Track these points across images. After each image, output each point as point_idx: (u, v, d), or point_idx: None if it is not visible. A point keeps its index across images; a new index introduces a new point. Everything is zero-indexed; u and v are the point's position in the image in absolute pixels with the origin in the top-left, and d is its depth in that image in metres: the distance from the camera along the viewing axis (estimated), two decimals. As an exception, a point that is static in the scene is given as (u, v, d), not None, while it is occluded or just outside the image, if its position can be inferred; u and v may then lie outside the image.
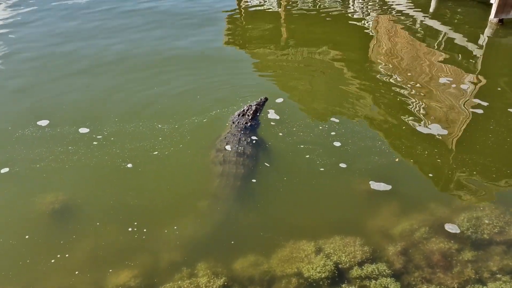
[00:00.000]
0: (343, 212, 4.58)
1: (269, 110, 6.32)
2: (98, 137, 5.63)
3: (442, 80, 7.32)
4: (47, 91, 7.03)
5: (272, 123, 6.07)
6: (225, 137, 5.41)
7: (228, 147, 5.17)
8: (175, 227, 4.32)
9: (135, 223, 4.37)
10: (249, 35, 10.07)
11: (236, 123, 5.72)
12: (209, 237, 4.28)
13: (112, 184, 4.91)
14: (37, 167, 5.10)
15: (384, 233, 4.31)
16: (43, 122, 5.97)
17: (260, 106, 6.06)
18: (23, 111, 6.38)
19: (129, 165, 5.13)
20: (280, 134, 5.78)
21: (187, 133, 5.74)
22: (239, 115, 5.87)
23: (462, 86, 7.12)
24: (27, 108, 6.47)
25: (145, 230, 4.28)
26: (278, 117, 6.16)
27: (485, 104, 6.53)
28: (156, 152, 5.34)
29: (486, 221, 4.38)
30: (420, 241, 4.20)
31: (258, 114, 5.99)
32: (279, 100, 6.63)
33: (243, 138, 5.35)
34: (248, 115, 5.83)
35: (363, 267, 3.96)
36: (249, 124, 5.72)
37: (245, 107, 6.01)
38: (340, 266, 3.98)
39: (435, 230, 4.29)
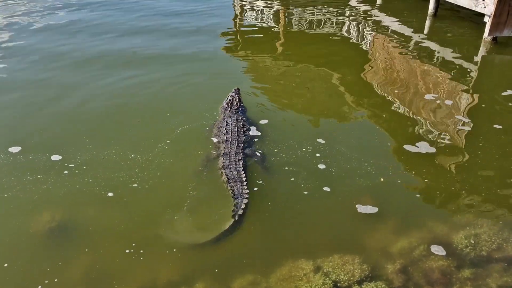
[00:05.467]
0: (338, 233, 5.13)
1: (251, 127, 7.03)
2: (70, 165, 6.14)
3: (434, 98, 8.17)
4: (20, 116, 7.60)
5: (255, 139, 6.79)
6: (223, 118, 7.12)
7: (228, 122, 6.87)
8: (170, 248, 4.82)
9: (132, 245, 4.85)
10: (241, 51, 11.18)
11: (229, 109, 7.42)
12: (207, 256, 4.75)
13: (90, 213, 5.37)
14: (5, 197, 5.55)
15: (382, 251, 4.83)
16: (15, 149, 6.47)
17: (239, 95, 7.76)
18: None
19: (110, 194, 5.61)
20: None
21: (169, 155, 6.39)
22: (227, 104, 7.54)
23: (454, 104, 7.96)
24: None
25: (141, 251, 4.77)
26: (259, 134, 6.91)
27: (475, 121, 7.35)
28: (135, 185, 5.88)
29: (485, 238, 4.95)
30: (420, 259, 4.72)
31: (241, 102, 7.71)
32: (264, 121, 7.31)
33: (239, 118, 7.09)
34: (236, 103, 7.53)
35: (362, 285, 4.42)
36: (240, 109, 7.47)
37: (229, 97, 7.67)
38: (339, 284, 4.43)
39: (432, 249, 4.84)
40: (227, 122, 6.91)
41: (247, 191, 5.55)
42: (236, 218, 5.11)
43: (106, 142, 6.72)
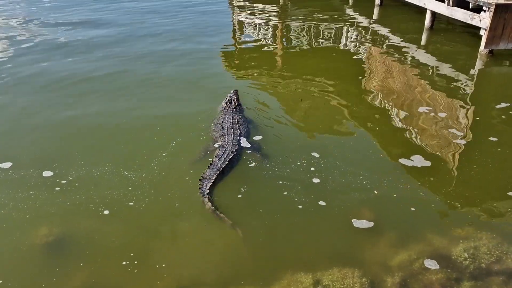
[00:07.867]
0: (336, 246, 5.26)
1: (242, 138, 7.18)
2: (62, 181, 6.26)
3: (428, 111, 8.35)
4: (12, 131, 7.78)
5: (248, 151, 6.94)
6: (221, 116, 7.82)
7: (225, 119, 7.56)
8: (166, 264, 4.95)
9: (130, 254, 5.01)
10: (238, 66, 11.49)
11: (228, 107, 8.12)
12: (205, 270, 4.87)
13: (83, 227, 5.51)
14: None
15: (381, 264, 4.95)
16: (6, 165, 6.59)
17: (237, 96, 8.46)
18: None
19: (106, 211, 5.72)
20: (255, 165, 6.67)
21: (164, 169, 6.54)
22: (226, 103, 8.25)
23: (449, 116, 8.14)
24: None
25: (135, 262, 4.93)
26: (249, 145, 7.05)
27: (470, 134, 7.51)
28: (131, 203, 6.03)
29: (484, 251, 5.07)
30: (419, 272, 4.83)
31: (239, 102, 8.41)
32: (258, 137, 7.44)
33: (236, 115, 7.78)
34: (234, 102, 8.24)
35: (362, 299, 4.54)
36: (238, 108, 8.21)
37: (227, 98, 8.36)
38: (339, 298, 4.55)
39: (430, 262, 4.97)
40: (223, 119, 7.58)
41: (215, 175, 6.18)
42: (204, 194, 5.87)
43: (98, 158, 6.85)
